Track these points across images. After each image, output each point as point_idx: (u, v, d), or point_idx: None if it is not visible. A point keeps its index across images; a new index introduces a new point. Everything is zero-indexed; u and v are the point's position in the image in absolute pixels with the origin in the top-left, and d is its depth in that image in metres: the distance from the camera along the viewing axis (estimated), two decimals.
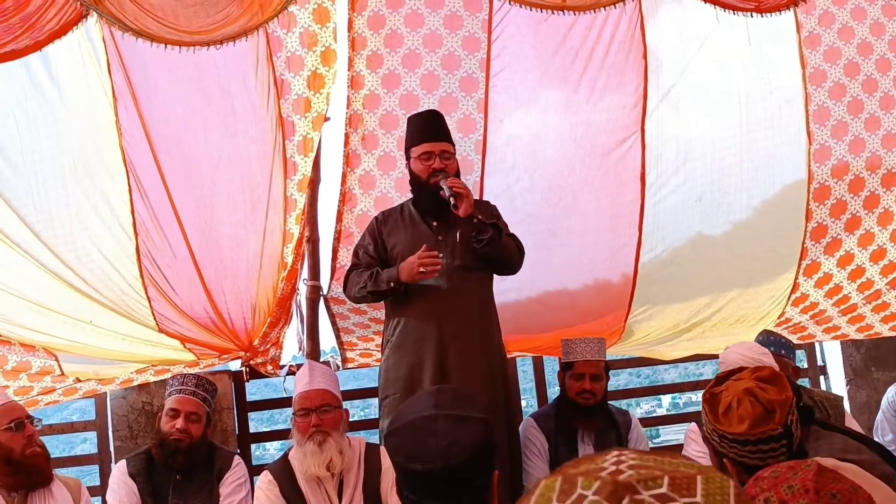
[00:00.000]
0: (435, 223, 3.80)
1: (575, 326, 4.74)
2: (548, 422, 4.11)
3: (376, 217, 3.95)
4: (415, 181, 3.80)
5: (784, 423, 2.20)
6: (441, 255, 3.66)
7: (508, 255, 3.80)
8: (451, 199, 3.57)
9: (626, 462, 0.82)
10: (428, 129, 3.79)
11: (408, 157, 3.83)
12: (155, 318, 4.17)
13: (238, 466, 3.77)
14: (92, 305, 4.05)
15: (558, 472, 0.85)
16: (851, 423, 4.05)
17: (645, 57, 4.34)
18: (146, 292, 4.10)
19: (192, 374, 3.73)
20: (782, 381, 2.32)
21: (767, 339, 4.08)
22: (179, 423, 3.61)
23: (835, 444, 2.45)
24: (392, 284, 3.65)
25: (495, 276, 3.95)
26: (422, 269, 3.56)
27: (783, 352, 3.98)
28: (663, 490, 0.77)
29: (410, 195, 3.92)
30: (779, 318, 4.96)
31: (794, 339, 5.00)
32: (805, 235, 4.75)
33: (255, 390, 4.82)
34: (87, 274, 4.01)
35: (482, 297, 3.86)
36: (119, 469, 3.66)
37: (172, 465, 3.61)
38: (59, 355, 4.11)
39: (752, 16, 4.06)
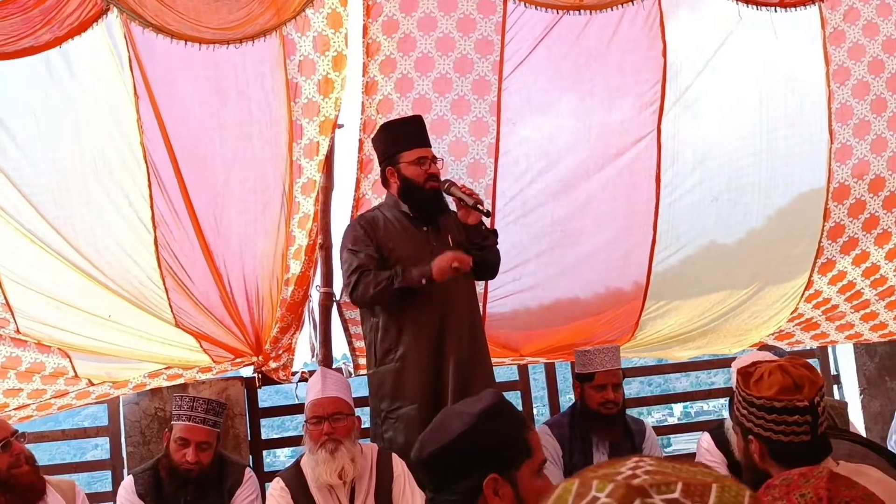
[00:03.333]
0: (425, 228, 3.82)
1: (589, 319, 4.75)
2: (562, 429, 4.08)
3: (360, 221, 3.88)
4: (408, 186, 3.78)
5: (811, 399, 2.22)
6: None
7: (499, 260, 3.96)
8: (480, 206, 3.68)
9: (643, 468, 0.84)
10: (419, 134, 3.81)
11: (394, 163, 3.79)
12: (172, 311, 4.17)
13: (249, 481, 3.73)
14: (110, 298, 4.06)
15: (577, 476, 0.87)
16: (855, 431, 4.04)
17: (664, 55, 4.31)
18: (164, 283, 4.11)
19: (201, 399, 3.66)
20: (814, 369, 2.36)
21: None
22: (190, 454, 3.54)
23: (840, 449, 2.45)
24: (424, 281, 3.62)
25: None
26: (456, 265, 3.59)
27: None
28: (675, 495, 0.78)
29: (396, 198, 3.86)
30: (791, 314, 4.92)
31: (806, 337, 4.98)
32: (822, 234, 4.72)
33: (265, 397, 4.79)
34: (106, 267, 4.03)
35: (476, 300, 3.98)
36: (127, 488, 3.61)
37: (183, 495, 3.57)
38: (73, 355, 4.11)
39: (775, 10, 4.03)
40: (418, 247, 3.75)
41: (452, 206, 3.92)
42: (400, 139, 3.79)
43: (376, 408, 3.82)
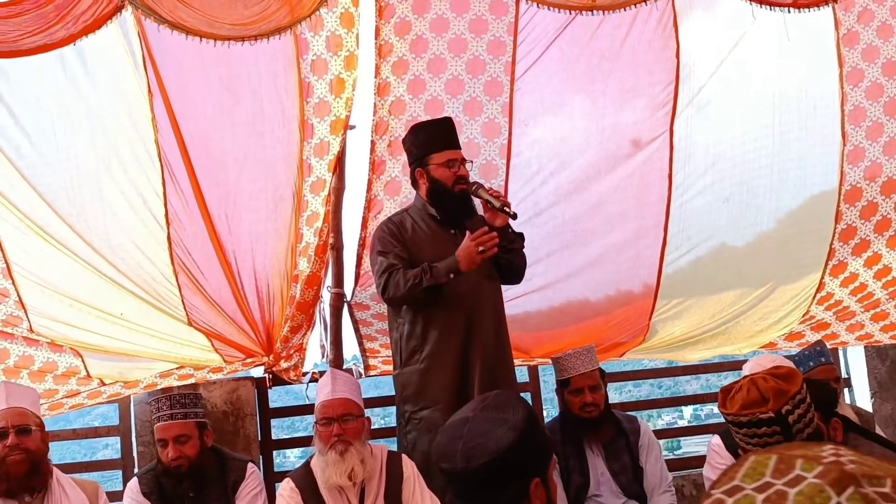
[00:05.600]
0: (452, 231, 3.80)
1: (599, 319, 4.75)
2: (553, 435, 4.04)
3: (388, 223, 3.86)
4: (437, 188, 3.76)
5: (777, 411, 2.27)
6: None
7: (525, 264, 3.92)
8: (506, 208, 3.63)
9: (845, 456, 0.80)
10: (449, 136, 3.79)
11: (423, 165, 3.77)
12: (185, 308, 4.19)
13: (252, 476, 3.72)
14: (123, 296, 4.08)
15: (771, 450, 0.83)
16: None
17: (678, 56, 4.30)
18: (177, 279, 4.14)
19: (164, 397, 3.66)
20: (793, 377, 2.39)
21: (824, 350, 4.10)
22: (170, 451, 3.56)
23: (873, 452, 2.43)
24: (452, 276, 3.60)
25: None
26: (482, 249, 3.55)
27: (824, 360, 4.04)
28: (887, 490, 0.75)
29: (424, 201, 3.85)
30: (803, 316, 4.91)
31: (816, 338, 4.95)
32: (833, 237, 4.71)
33: (275, 397, 4.79)
34: (120, 263, 4.05)
35: (502, 304, 3.91)
36: (132, 489, 3.63)
37: (183, 492, 3.58)
38: (85, 354, 4.12)
39: (789, 11, 4.01)
40: (445, 250, 3.71)
41: (480, 210, 3.90)
42: (430, 141, 3.77)
43: (401, 409, 3.81)
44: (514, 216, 3.63)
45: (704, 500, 0.84)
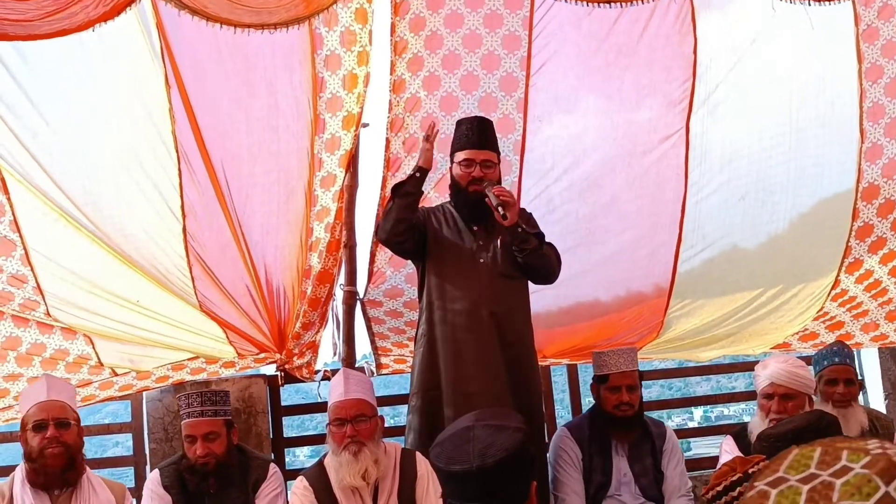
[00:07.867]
0: (475, 228, 3.80)
1: (612, 315, 4.71)
2: (581, 432, 4.05)
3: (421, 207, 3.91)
4: (455, 186, 3.81)
5: (744, 472, 2.57)
6: (482, 259, 3.73)
7: (548, 264, 3.82)
8: (500, 209, 3.57)
9: (891, 448, 0.78)
10: (473, 136, 3.77)
11: (452, 161, 3.82)
12: (197, 299, 4.19)
13: (274, 476, 3.72)
14: (140, 280, 4.08)
15: (816, 443, 0.83)
16: None
17: (695, 51, 4.27)
18: (191, 271, 4.14)
19: (195, 393, 3.67)
20: (753, 458, 2.70)
21: (841, 349, 4.03)
22: (199, 448, 3.57)
23: None
24: (416, 174, 3.71)
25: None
26: (426, 135, 3.74)
27: (838, 360, 3.99)
28: None
29: (449, 197, 3.92)
30: (818, 313, 4.87)
31: (831, 338, 4.92)
32: (850, 234, 4.66)
33: (285, 396, 4.77)
34: (133, 252, 4.06)
35: (520, 305, 3.86)
36: (153, 480, 3.65)
37: (206, 489, 3.59)
38: (98, 342, 4.13)
39: (809, 4, 3.98)
40: (460, 240, 3.76)
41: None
42: (457, 138, 3.80)
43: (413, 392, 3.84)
44: (505, 217, 3.56)
45: (748, 491, 0.83)
